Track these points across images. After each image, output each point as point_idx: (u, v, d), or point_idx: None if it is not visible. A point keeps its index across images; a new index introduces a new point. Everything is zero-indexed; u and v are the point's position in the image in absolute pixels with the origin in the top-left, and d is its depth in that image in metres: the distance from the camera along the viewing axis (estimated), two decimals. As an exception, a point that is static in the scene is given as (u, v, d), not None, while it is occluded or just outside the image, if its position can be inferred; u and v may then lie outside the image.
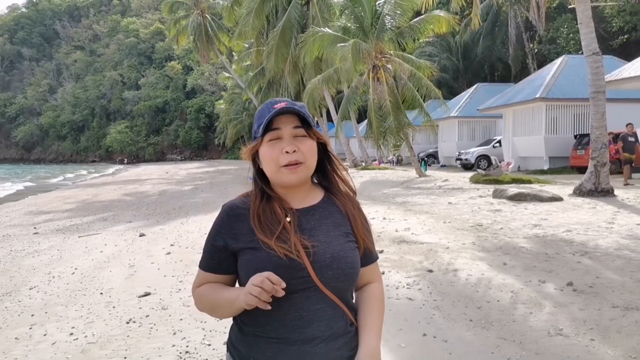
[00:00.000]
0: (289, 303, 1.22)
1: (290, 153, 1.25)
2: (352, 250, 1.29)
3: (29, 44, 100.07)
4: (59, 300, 5.09)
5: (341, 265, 1.25)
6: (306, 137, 1.28)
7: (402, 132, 17.23)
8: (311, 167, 1.30)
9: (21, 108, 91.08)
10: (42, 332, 4.11)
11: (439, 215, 9.14)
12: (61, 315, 4.56)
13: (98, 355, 3.59)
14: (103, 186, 25.86)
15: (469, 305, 4.13)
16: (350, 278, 1.28)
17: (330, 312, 1.25)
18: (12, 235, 10.27)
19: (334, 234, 1.29)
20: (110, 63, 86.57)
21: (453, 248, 6.24)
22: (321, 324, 1.24)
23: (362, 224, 1.34)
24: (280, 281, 1.15)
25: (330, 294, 1.24)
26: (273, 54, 22.81)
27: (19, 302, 5.07)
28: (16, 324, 4.38)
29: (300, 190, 1.32)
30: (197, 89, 69.14)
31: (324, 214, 1.32)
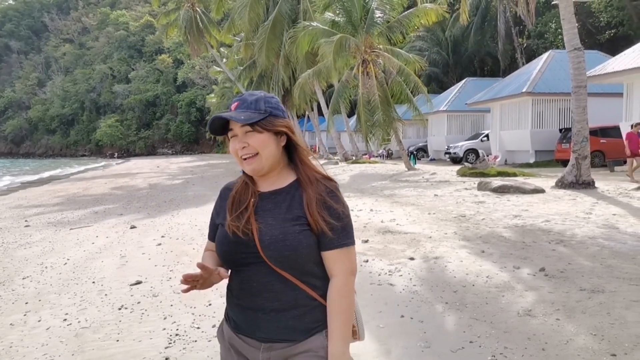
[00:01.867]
0: (244, 274, 1.42)
1: (240, 149, 1.42)
2: (296, 234, 1.37)
3: (17, 36, 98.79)
4: (52, 289, 5.23)
5: (278, 247, 1.36)
6: (254, 131, 1.40)
7: (391, 126, 17.42)
8: (267, 157, 1.42)
9: (10, 102, 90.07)
10: (37, 319, 4.26)
11: (424, 207, 9.37)
12: (54, 303, 4.70)
13: (91, 339, 3.75)
14: (93, 180, 25.82)
15: (445, 289, 4.35)
16: (290, 259, 1.36)
17: (278, 285, 1.38)
18: (2, 227, 10.34)
19: (282, 217, 1.40)
20: (100, 56, 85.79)
21: (435, 237, 6.47)
22: (270, 295, 1.38)
23: (317, 208, 1.38)
24: (188, 276, 1.38)
25: (279, 269, 1.37)
26: (264, 47, 22.86)
27: (13, 291, 5.20)
28: (11, 311, 4.52)
29: (270, 176, 1.47)
30: (188, 83, 68.81)
31: (284, 197, 1.43)
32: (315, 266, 1.41)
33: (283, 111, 1.46)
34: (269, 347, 1.40)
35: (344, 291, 1.41)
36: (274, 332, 1.40)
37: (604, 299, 3.91)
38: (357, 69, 17.33)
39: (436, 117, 27.75)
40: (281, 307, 1.39)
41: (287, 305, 1.39)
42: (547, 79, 18.99)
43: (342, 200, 1.45)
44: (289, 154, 1.49)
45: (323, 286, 1.42)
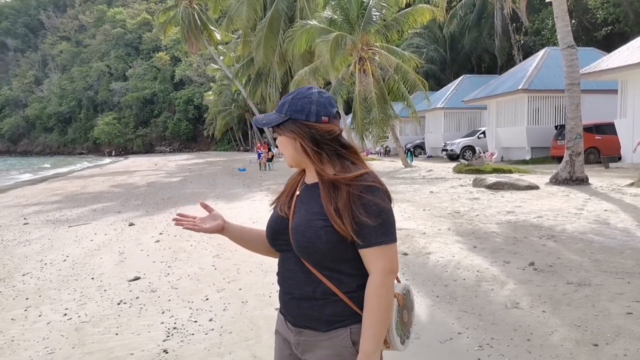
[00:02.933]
0: (281, 259, 1.52)
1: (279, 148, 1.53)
2: (317, 228, 1.37)
3: (13, 34, 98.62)
4: (52, 285, 5.32)
5: (298, 238, 1.40)
6: (278, 134, 1.49)
7: (388, 123, 17.52)
8: (291, 157, 1.49)
9: (7, 100, 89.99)
10: (37, 314, 4.36)
11: (419, 203, 9.48)
12: (55, 299, 4.80)
13: (91, 332, 3.85)
14: (91, 178, 25.87)
15: (437, 283, 4.46)
16: (308, 251, 1.38)
17: (300, 274, 1.43)
18: (2, 225, 10.41)
19: (309, 210, 1.42)
20: (97, 54, 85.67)
21: (429, 233, 6.58)
22: (293, 282, 1.45)
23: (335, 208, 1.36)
24: (181, 214, 1.68)
25: (303, 259, 1.41)
26: (262, 45, 22.92)
27: (13, 287, 5.29)
28: (12, 306, 4.61)
29: (310, 170, 1.50)
30: (186, 80, 68.79)
31: (317, 192, 1.44)
32: (340, 263, 1.39)
33: (308, 113, 1.42)
34: (299, 332, 1.45)
35: (379, 290, 1.36)
36: (299, 318, 1.45)
37: (589, 292, 4.02)
38: (354, 67, 17.42)
39: (433, 114, 27.86)
40: (301, 295, 1.43)
41: (305, 295, 1.42)
42: (543, 76, 19.10)
43: (378, 197, 1.37)
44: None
45: (352, 283, 1.40)
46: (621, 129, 14.37)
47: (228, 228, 1.67)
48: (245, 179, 18.34)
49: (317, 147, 1.43)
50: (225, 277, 5.14)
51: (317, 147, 1.43)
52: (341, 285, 1.40)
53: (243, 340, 3.48)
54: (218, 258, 6.02)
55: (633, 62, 12.71)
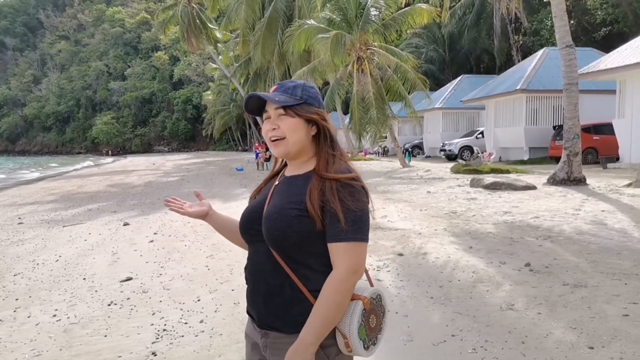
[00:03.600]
0: (251, 252, 1.46)
1: (270, 130, 1.42)
2: (290, 217, 1.33)
3: (12, 33, 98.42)
4: (43, 285, 5.26)
5: (269, 225, 1.35)
6: (286, 115, 1.39)
7: (386, 123, 17.47)
8: (294, 142, 1.40)
9: (5, 99, 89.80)
10: (26, 315, 4.29)
11: (416, 203, 9.43)
12: (45, 299, 4.73)
13: (80, 334, 3.79)
14: (89, 177, 25.79)
15: (432, 284, 4.40)
16: (277, 239, 1.33)
17: (269, 267, 1.36)
18: (-4, 225, 10.35)
19: (285, 200, 1.38)
20: (96, 53, 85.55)
21: (425, 234, 6.52)
22: (261, 275, 1.38)
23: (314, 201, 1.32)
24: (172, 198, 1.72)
25: (273, 250, 1.35)
26: (260, 44, 22.84)
27: (4, 288, 5.23)
28: (0, 307, 4.55)
29: (296, 162, 1.45)
30: (184, 80, 68.70)
31: (297, 183, 1.40)
32: (309, 257, 1.34)
33: (320, 103, 1.46)
34: (265, 333, 1.38)
35: (337, 286, 1.29)
36: (265, 318, 1.38)
37: (586, 293, 3.97)
38: (352, 66, 17.36)
39: (432, 114, 27.82)
40: (268, 290, 1.36)
41: (273, 290, 1.35)
42: (541, 76, 19.07)
43: (358, 194, 1.36)
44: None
45: (318, 280, 1.33)
46: (619, 129, 14.33)
47: (212, 215, 1.69)
48: (242, 179, 18.27)
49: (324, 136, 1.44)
50: (218, 278, 5.08)
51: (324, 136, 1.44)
52: (307, 282, 1.34)
53: (234, 343, 3.42)
54: (212, 258, 5.96)
55: (631, 62, 12.67)
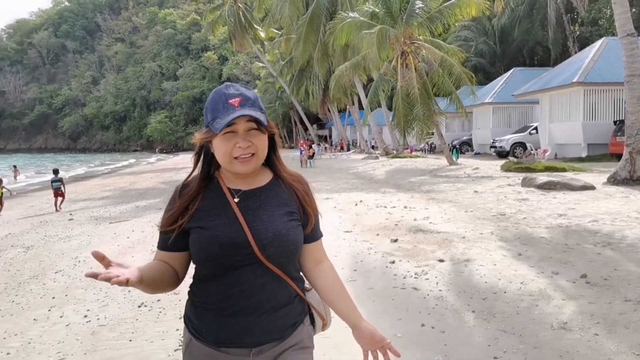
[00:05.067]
0: (234, 278, 1.32)
1: (244, 148, 1.32)
2: (294, 229, 1.37)
3: (72, 36, 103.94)
4: (80, 284, 5.32)
5: (282, 242, 1.34)
6: (258, 131, 1.33)
7: (432, 119, 16.90)
8: (262, 158, 1.38)
9: (66, 99, 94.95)
10: (59, 314, 4.32)
11: (461, 204, 8.96)
12: (79, 299, 4.77)
13: (106, 337, 3.74)
14: (141, 174, 26.73)
15: (474, 296, 4.05)
16: (292, 254, 1.38)
17: (274, 284, 1.35)
18: (49, 221, 10.80)
19: (277, 213, 1.37)
20: (149, 54, 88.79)
21: (469, 238, 6.12)
22: (264, 295, 1.33)
23: (309, 204, 1.43)
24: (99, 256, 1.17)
25: (275, 267, 1.33)
26: (302, 41, 22.77)
27: (44, 285, 5.33)
28: (37, 305, 4.62)
29: (249, 174, 1.38)
30: (233, 79, 69.93)
31: (271, 194, 1.40)
32: (297, 261, 1.44)
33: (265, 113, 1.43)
34: (259, 350, 1.36)
35: (335, 271, 1.50)
36: (266, 334, 1.35)
37: (652, 312, 3.50)
38: (396, 61, 16.90)
39: (481, 110, 26.77)
40: (274, 306, 1.35)
41: (281, 303, 1.36)
42: (600, 68, 17.81)
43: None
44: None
45: (301, 278, 1.46)
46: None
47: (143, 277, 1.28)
48: (285, 177, 18.25)
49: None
50: (248, 281, 4.94)
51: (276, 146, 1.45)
52: (298, 283, 1.42)
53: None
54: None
55: None
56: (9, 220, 11.60)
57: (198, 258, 1.35)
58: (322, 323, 1.52)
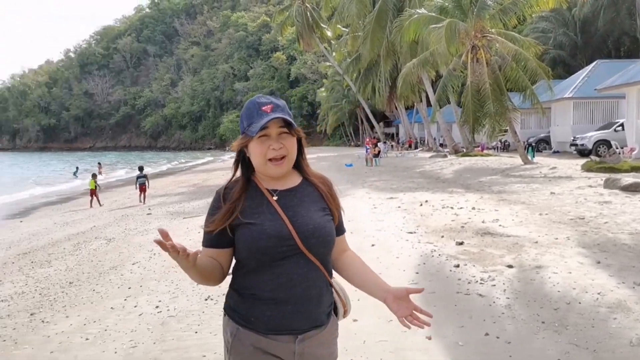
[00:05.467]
0: (281, 269, 1.45)
1: (277, 150, 1.48)
2: (329, 222, 1.54)
3: (153, 41, 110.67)
4: (154, 275, 5.64)
5: (322, 234, 1.49)
6: (289, 134, 1.50)
7: (504, 116, 16.11)
8: (293, 159, 1.54)
9: (148, 100, 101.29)
10: (134, 304, 4.61)
11: (536, 206, 8.47)
12: (152, 290, 5.06)
13: (174, 328, 3.94)
14: (213, 171, 27.91)
15: (544, 305, 3.81)
16: (330, 244, 1.53)
17: (314, 274, 1.48)
18: (129, 215, 11.58)
19: (313, 209, 1.52)
20: (222, 56, 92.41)
21: (543, 243, 5.77)
22: (308, 284, 1.46)
23: (335, 201, 1.59)
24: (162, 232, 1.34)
25: (314, 258, 1.47)
26: (369, 39, 22.60)
27: (121, 276, 5.72)
28: (114, 295, 4.96)
29: (282, 176, 1.54)
30: (300, 78, 71.04)
31: (304, 193, 1.56)
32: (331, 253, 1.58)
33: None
34: (303, 337, 1.47)
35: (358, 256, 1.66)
36: (309, 321, 1.48)
37: None
38: (466, 56, 16.29)
39: (560, 105, 25.07)
40: (316, 295, 1.48)
41: (320, 292, 1.49)
42: (701, 57, 16.03)
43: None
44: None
45: (330, 272, 1.57)
46: None
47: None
48: (350, 175, 18.25)
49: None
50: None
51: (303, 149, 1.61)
52: (329, 274, 1.55)
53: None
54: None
55: None
56: (94, 214, 12.58)
57: (248, 251, 1.46)
58: (344, 310, 1.61)
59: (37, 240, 8.83)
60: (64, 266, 6.44)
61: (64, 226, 10.61)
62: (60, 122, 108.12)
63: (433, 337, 3.38)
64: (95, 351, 3.57)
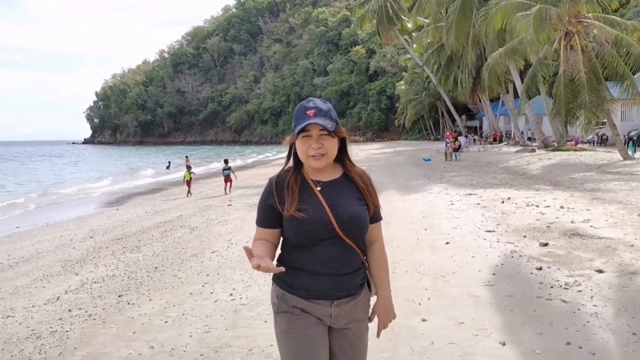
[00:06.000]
0: (321, 247, 1.73)
1: (316, 149, 1.73)
2: (364, 212, 1.79)
3: (238, 40, 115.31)
4: (230, 264, 5.89)
5: (357, 221, 1.76)
6: (328, 135, 1.73)
7: (601, 107, 14.75)
8: (332, 157, 1.78)
9: (233, 97, 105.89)
10: (210, 291, 4.84)
11: (634, 206, 7.67)
12: (228, 278, 5.28)
13: (246, 316, 4.08)
14: (291, 166, 28.46)
15: (637, 315, 3.44)
16: (363, 229, 1.79)
17: (348, 253, 1.76)
18: (212, 206, 12.20)
19: (351, 199, 1.78)
20: (303, 52, 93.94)
21: (639, 246, 5.21)
22: (344, 261, 1.76)
23: (371, 194, 1.83)
24: (252, 256, 1.56)
25: (349, 241, 1.74)
26: (453, 28, 21.74)
27: (201, 263, 6.03)
28: (194, 281, 5.24)
29: (326, 168, 1.80)
30: (379, 71, 70.27)
31: (343, 185, 1.81)
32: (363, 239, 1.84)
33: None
34: (339, 302, 1.77)
35: (384, 252, 1.92)
36: (344, 290, 1.77)
37: None
38: (558, 43, 15.10)
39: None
40: (350, 269, 1.78)
41: (354, 267, 1.79)
42: None
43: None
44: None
45: (364, 252, 1.85)
46: None
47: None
48: (428, 170, 17.75)
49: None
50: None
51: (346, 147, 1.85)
52: (363, 254, 1.84)
53: (378, 351, 3.22)
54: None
55: None
56: (181, 204, 13.41)
57: (294, 232, 1.74)
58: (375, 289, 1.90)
59: (129, 227, 9.59)
60: (151, 252, 6.93)
61: (154, 215, 11.41)
62: (155, 118, 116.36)
63: (507, 342, 3.19)
64: (173, 334, 3.79)
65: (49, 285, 5.40)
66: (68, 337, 3.81)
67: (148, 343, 3.63)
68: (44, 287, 5.33)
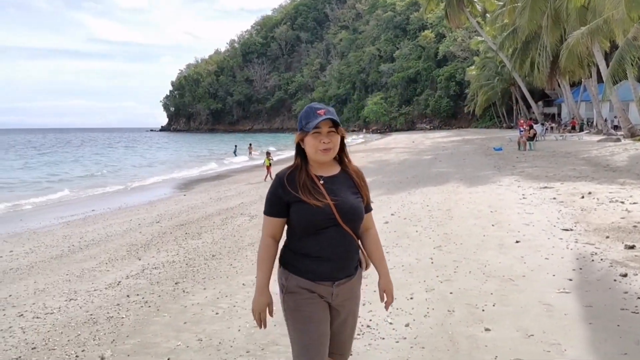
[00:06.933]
0: (324, 235, 1.98)
1: (326, 143, 1.99)
2: (360, 203, 2.07)
3: (305, 28, 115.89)
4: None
5: (355, 212, 2.03)
6: (335, 133, 2.01)
7: None
8: (336, 151, 2.05)
9: (299, 85, 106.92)
10: (263, 282, 4.76)
11: None
12: (281, 270, 5.18)
13: (296, 312, 3.94)
14: (354, 154, 28.26)
15: None
16: (360, 219, 2.07)
17: (348, 240, 2.02)
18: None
19: (349, 192, 2.05)
20: (369, 39, 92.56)
21: None
22: (345, 247, 2.02)
23: (365, 188, 2.11)
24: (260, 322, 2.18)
25: (348, 229, 2.01)
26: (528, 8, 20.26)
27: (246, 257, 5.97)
28: (248, 271, 5.20)
29: (327, 165, 2.07)
30: (449, 57, 67.69)
31: (342, 180, 2.07)
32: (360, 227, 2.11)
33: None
34: (339, 283, 2.03)
35: (378, 236, 2.24)
36: (343, 272, 2.03)
37: None
38: (653, 21, 13.54)
39: None
40: (350, 254, 2.04)
41: (352, 252, 2.05)
42: None
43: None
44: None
45: (359, 237, 2.12)
46: None
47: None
48: (498, 160, 16.78)
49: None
50: (439, 275, 4.60)
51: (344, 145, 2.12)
52: (358, 239, 2.12)
53: (433, 362, 2.95)
54: (439, 250, 5.49)
55: None
56: (243, 191, 13.61)
57: (299, 221, 1.98)
58: (366, 264, 2.18)
59: (193, 213, 9.83)
60: (210, 239, 7.01)
61: (218, 201, 11.65)
62: (225, 106, 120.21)
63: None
64: (222, 327, 3.74)
65: (112, 269, 5.59)
66: (122, 324, 3.87)
67: (197, 335, 3.60)
68: (108, 271, 5.52)
